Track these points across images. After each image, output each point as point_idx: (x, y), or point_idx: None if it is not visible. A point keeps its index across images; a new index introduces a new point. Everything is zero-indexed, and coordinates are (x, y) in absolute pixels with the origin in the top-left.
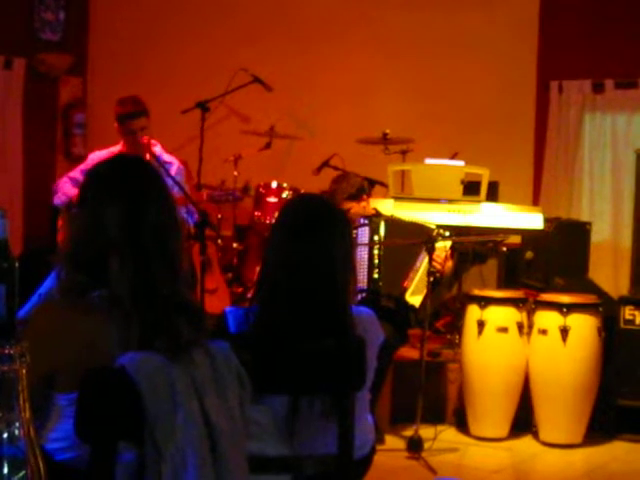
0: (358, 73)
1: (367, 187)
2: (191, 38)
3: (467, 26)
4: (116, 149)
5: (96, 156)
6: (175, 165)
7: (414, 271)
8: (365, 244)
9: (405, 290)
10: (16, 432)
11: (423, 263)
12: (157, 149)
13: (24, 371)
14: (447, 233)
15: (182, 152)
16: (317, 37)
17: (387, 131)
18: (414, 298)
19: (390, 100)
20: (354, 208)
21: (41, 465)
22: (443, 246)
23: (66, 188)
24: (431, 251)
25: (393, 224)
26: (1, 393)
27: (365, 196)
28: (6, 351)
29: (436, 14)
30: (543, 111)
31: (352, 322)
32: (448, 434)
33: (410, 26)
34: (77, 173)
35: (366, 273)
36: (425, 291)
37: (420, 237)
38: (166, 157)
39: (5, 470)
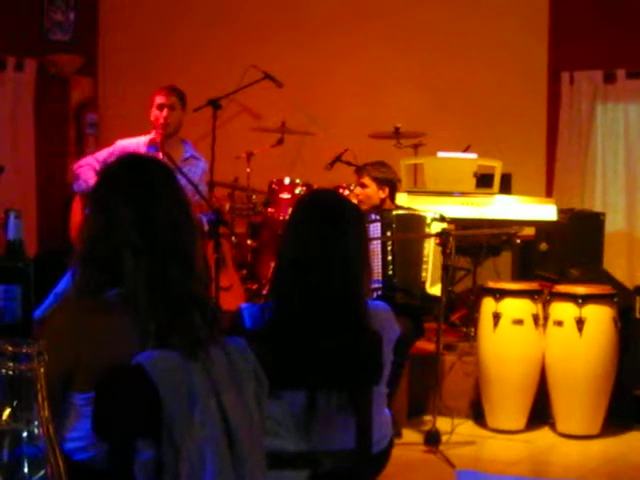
0: (369, 68)
1: (394, 184)
2: (201, 36)
3: (477, 18)
4: (146, 138)
5: (125, 143)
6: (202, 162)
7: (425, 262)
8: (378, 238)
9: (424, 283)
10: (35, 431)
11: (431, 252)
12: (188, 145)
13: (42, 370)
14: (440, 216)
15: (197, 151)
16: (327, 32)
17: (399, 125)
18: (434, 288)
19: (401, 94)
20: (349, 196)
21: (61, 464)
22: (441, 229)
23: (89, 176)
24: (446, 243)
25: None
26: (20, 392)
27: (387, 189)
28: (24, 350)
29: (446, 6)
30: (555, 102)
31: (368, 317)
32: (465, 427)
33: (420, 19)
34: (105, 154)
35: (380, 268)
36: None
37: (417, 226)
38: (196, 154)
39: (25, 469)
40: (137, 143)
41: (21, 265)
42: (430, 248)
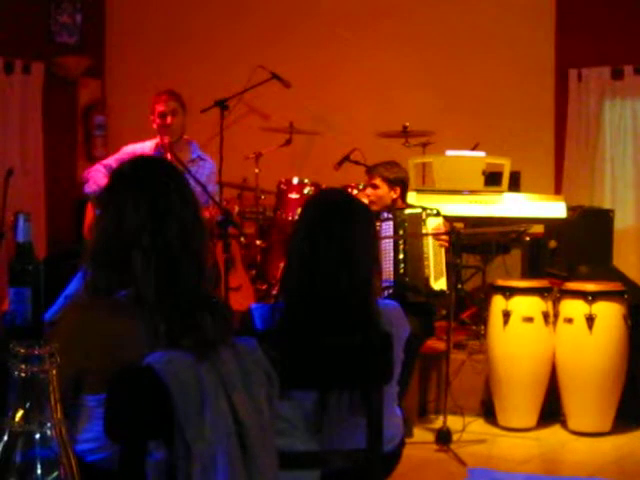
0: (376, 67)
1: (405, 183)
2: (208, 37)
3: (484, 16)
4: (152, 143)
5: (131, 148)
6: (209, 162)
7: (426, 258)
8: (387, 237)
9: (428, 279)
10: (48, 433)
11: (430, 247)
12: (194, 146)
13: (54, 372)
14: (435, 211)
15: (203, 151)
16: (334, 32)
17: (407, 124)
18: (439, 282)
19: (409, 93)
20: (359, 195)
21: (74, 466)
22: (437, 224)
23: (98, 177)
24: (457, 241)
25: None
26: (32, 394)
27: (398, 189)
28: (36, 352)
29: (453, 5)
30: (563, 99)
31: (378, 316)
32: (476, 425)
33: (428, 18)
34: (111, 161)
35: (392, 267)
36: (445, 273)
37: (417, 223)
38: (203, 154)
39: (38, 471)
40: (143, 148)
41: (31, 267)
42: (429, 243)
